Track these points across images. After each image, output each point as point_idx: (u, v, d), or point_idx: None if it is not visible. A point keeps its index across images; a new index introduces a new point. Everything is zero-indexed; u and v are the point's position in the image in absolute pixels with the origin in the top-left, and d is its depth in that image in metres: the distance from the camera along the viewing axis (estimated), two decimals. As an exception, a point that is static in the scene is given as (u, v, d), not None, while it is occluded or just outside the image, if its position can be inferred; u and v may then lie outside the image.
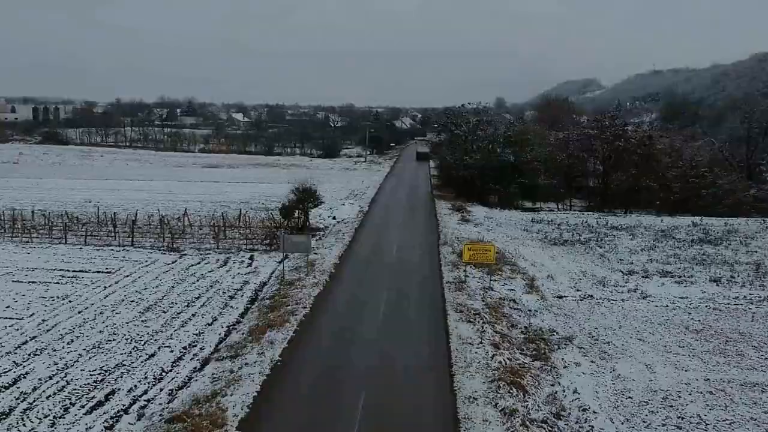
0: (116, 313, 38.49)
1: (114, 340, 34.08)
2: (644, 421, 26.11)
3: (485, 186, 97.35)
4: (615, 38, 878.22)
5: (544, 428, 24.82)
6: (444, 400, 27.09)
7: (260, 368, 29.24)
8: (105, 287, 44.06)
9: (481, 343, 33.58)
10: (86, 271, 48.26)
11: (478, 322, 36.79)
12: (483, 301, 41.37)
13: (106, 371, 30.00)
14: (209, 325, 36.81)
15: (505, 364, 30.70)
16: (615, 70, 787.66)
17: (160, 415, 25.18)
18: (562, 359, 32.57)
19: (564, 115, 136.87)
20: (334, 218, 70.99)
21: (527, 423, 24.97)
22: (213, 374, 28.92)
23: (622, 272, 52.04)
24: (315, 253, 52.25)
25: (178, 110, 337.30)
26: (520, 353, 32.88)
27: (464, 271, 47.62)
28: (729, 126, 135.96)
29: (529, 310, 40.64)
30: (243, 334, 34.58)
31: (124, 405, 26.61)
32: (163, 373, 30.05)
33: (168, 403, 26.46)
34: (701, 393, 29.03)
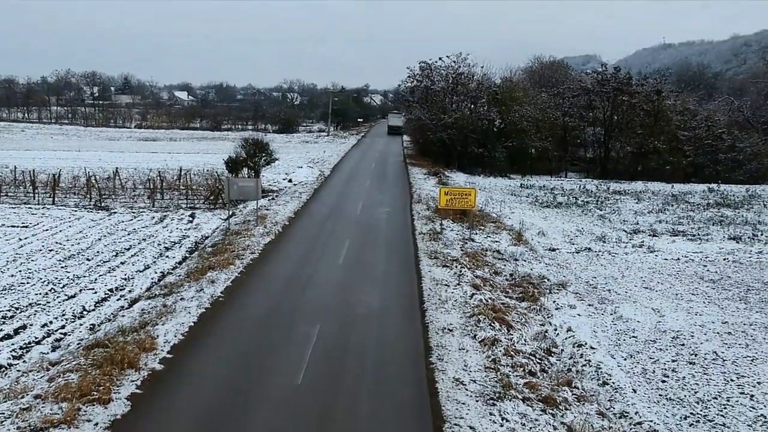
0: (32, 261, 37.75)
1: (28, 283, 33.37)
2: (651, 358, 25.95)
3: (466, 151, 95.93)
4: (615, 13, 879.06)
5: (532, 360, 24.37)
6: (413, 332, 26.73)
7: (198, 302, 28.61)
8: (20, 239, 43.18)
9: (458, 284, 33.15)
10: (-2, 226, 47.42)
11: (456, 266, 36.36)
12: (462, 250, 40.94)
13: (16, 309, 29.36)
14: (140, 271, 36.21)
15: (487, 302, 30.27)
16: (618, 47, 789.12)
17: (79, 344, 24.51)
18: (554, 302, 32.28)
19: (560, 76, 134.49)
20: (290, 181, 70.28)
21: (512, 353, 24.53)
22: (143, 309, 28.21)
23: (626, 231, 51.83)
24: (267, 209, 51.59)
25: (113, 88, 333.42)
26: (505, 295, 32.53)
27: (440, 224, 47.17)
28: (753, 92, 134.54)
29: (516, 260, 40.28)
30: (179, 277, 33.90)
31: (36, 337, 26.01)
32: (85, 312, 29.45)
33: (89, 336, 25.79)
34: (718, 333, 28.95)
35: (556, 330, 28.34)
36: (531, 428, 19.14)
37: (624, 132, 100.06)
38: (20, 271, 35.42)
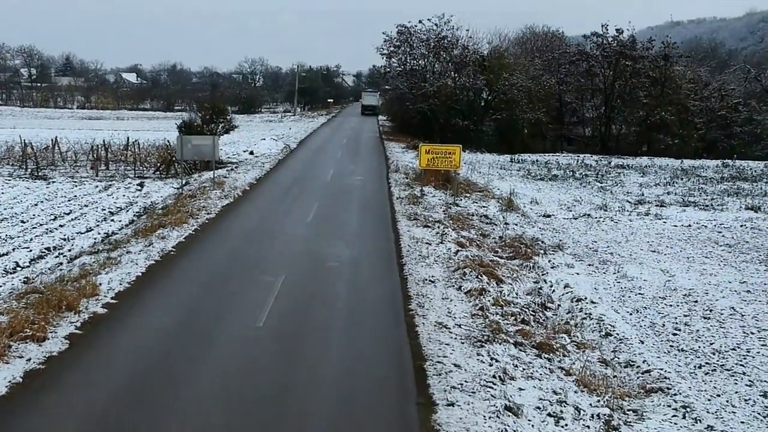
0: (-41, 224, 37.30)
1: (-46, 244, 32.95)
2: (660, 313, 25.67)
3: (450, 124, 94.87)
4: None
5: (526, 311, 24.05)
6: (390, 283, 26.61)
7: (147, 255, 28.23)
8: (-54, 206, 42.69)
9: (441, 243, 32.75)
10: None
11: (438, 227, 35.90)
12: (445, 213, 40.37)
13: (-60, 265, 28.92)
14: (82, 233, 35.79)
15: (474, 258, 29.83)
16: (620, 27, 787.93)
17: (10, 293, 24.05)
18: (549, 261, 31.89)
19: (555, 46, 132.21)
20: (251, 153, 69.83)
21: (501, 303, 24.21)
22: (84, 263, 27.71)
23: (630, 202, 51.40)
24: (225, 177, 51.07)
25: (53, 69, 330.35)
26: (494, 254, 32.15)
27: (421, 190, 46.76)
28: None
29: (506, 223, 39.86)
30: (126, 235, 33.41)
31: (-38, 290, 25.60)
32: (18, 268, 29.12)
33: (22, 287, 25.36)
34: (735, 291, 28.66)
35: (552, 286, 27.84)
36: (524, 369, 18.80)
37: (627, 103, 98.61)
38: (-55, 233, 34.95)
